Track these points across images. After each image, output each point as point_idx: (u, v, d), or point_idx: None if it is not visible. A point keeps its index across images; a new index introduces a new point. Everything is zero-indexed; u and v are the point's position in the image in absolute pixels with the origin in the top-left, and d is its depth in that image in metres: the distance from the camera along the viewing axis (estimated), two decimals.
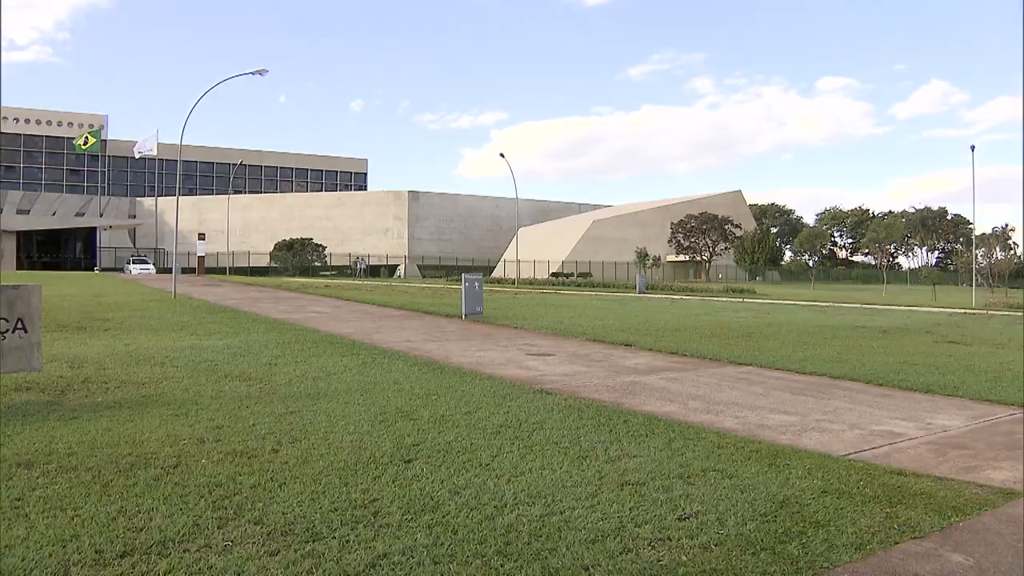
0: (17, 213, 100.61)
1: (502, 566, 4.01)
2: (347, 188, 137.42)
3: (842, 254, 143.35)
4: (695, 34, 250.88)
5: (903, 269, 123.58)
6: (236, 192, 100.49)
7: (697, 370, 11.45)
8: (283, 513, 4.66)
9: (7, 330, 7.58)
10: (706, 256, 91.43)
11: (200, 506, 4.74)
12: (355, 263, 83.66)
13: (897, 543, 4.52)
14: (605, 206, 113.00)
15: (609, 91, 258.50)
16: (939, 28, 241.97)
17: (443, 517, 4.68)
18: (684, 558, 4.19)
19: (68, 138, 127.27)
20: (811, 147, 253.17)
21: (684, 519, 4.78)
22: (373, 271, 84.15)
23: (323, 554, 4.08)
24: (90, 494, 4.92)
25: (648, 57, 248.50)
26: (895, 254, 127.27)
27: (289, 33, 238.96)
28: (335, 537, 4.32)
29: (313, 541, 4.25)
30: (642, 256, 77.70)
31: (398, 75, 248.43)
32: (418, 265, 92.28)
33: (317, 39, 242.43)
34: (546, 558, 4.12)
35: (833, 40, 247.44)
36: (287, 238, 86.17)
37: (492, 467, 5.81)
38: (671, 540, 4.43)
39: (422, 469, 5.70)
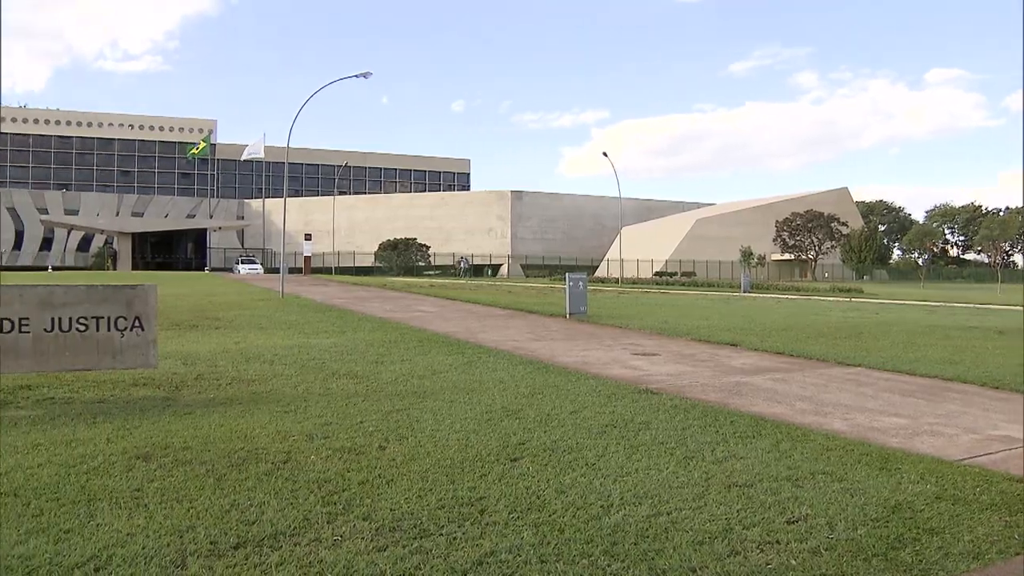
0: (132, 216, 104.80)
1: (609, 566, 4.01)
2: (450, 188, 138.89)
3: (953, 252, 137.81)
4: (799, 28, 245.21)
5: (1019, 267, 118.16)
6: (341, 193, 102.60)
7: (804, 371, 11.21)
8: (391, 509, 4.76)
9: (125, 328, 7.93)
10: (812, 255, 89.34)
11: (310, 501, 4.87)
12: (459, 263, 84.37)
13: (1018, 553, 4.35)
14: (708, 204, 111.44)
15: (711, 88, 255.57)
16: None
17: (549, 516, 4.71)
18: (793, 562, 4.13)
19: (179, 143, 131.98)
20: (919, 141, 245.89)
21: (793, 522, 4.70)
22: (476, 271, 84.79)
23: (431, 551, 4.14)
24: (204, 487, 5.12)
25: (751, 53, 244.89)
26: (1010, 252, 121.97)
27: (391, 35, 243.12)
28: (442, 534, 4.39)
29: (421, 538, 4.32)
30: (747, 255, 76.38)
31: (499, 75, 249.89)
32: (521, 264, 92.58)
33: (419, 40, 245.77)
34: (653, 559, 4.11)
35: (942, 30, 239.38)
36: (391, 238, 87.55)
37: (598, 467, 5.81)
38: (780, 543, 4.37)
39: (528, 468, 5.74)
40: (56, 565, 3.86)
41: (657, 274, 78.69)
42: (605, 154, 64.03)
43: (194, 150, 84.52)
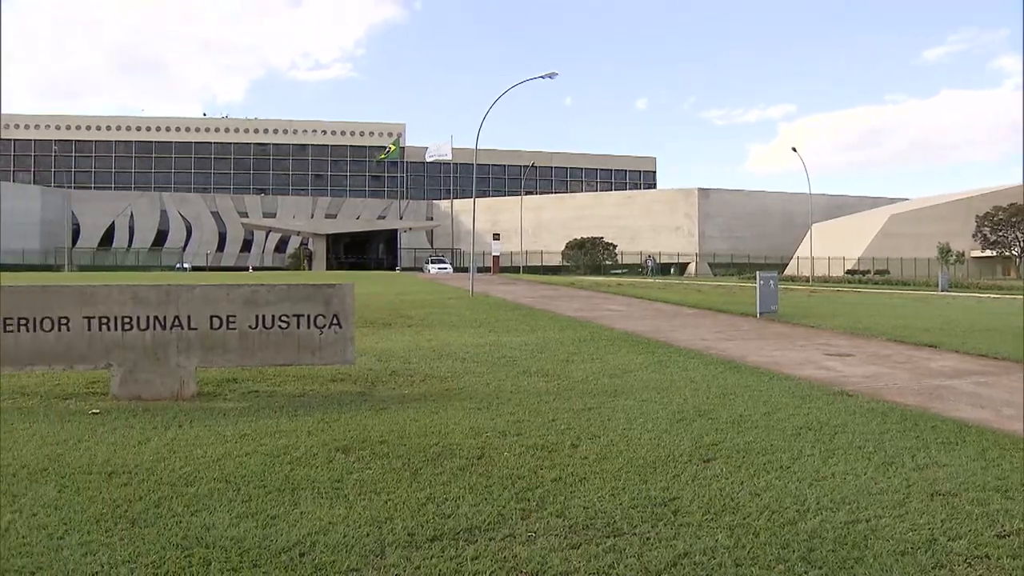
0: (326, 218, 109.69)
1: (806, 573, 3.89)
2: (636, 187, 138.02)
3: None
4: (998, 8, 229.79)
5: None
6: (528, 193, 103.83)
7: (1010, 374, 10.48)
8: (584, 508, 4.78)
9: (324, 325, 8.31)
10: (1016, 251, 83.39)
11: (504, 497, 4.96)
12: (645, 261, 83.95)
13: None
14: (901, 199, 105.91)
15: (903, 77, 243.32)
16: None
17: (744, 519, 4.62)
18: None
19: (370, 147, 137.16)
20: None
21: (1004, 536, 4.40)
22: (663, 269, 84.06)
23: (624, 550, 4.13)
24: (401, 480, 5.29)
25: (945, 38, 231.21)
26: None
27: (573, 35, 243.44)
28: (636, 533, 4.37)
29: (614, 536, 4.32)
30: (944, 252, 72.41)
31: (683, 71, 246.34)
32: (709, 263, 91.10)
33: (601, 39, 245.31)
34: (852, 567, 3.96)
35: None
36: (578, 237, 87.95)
37: (793, 470, 5.65)
38: (989, 558, 4.10)
39: (721, 469, 5.64)
40: (264, 549, 4.09)
41: (849, 272, 75.61)
42: (794, 149, 62.53)
43: (384, 154, 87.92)
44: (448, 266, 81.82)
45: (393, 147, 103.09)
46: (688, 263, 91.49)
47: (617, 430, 6.85)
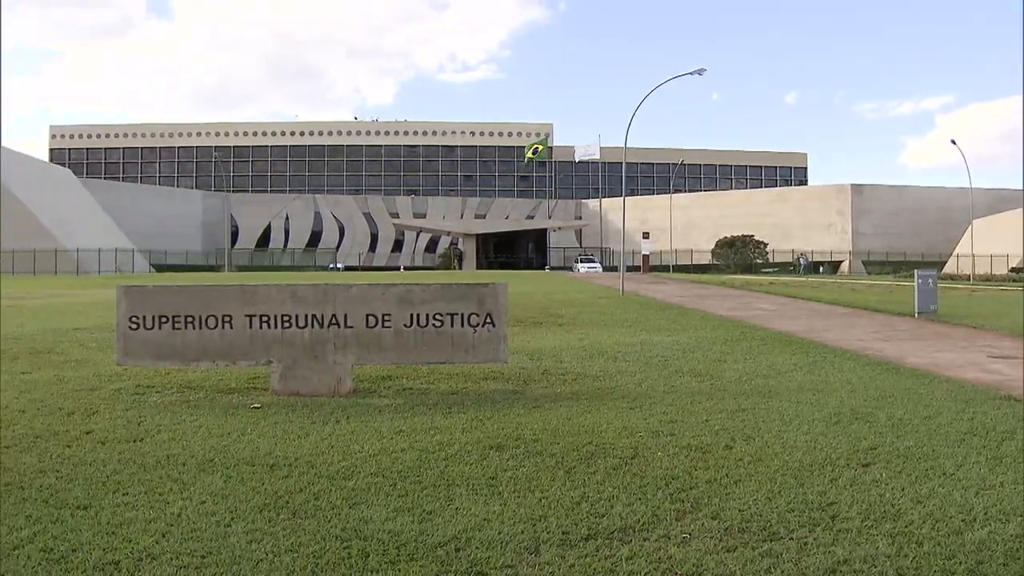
0: (475, 218, 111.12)
1: None
2: (786, 183, 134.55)
3: None
4: None
5: None
6: (676, 191, 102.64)
7: None
8: (739, 510, 4.70)
9: (477, 324, 8.42)
10: None
11: (658, 497, 4.92)
12: (797, 260, 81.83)
13: None
14: None
15: None
16: None
17: (905, 527, 4.44)
18: None
19: (517, 147, 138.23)
20: None
21: None
22: (815, 267, 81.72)
23: (781, 554, 4.05)
24: (555, 478, 5.32)
25: None
26: None
27: (720, 28, 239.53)
28: (792, 538, 4.27)
29: (770, 540, 4.24)
30: None
31: (833, 64, 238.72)
32: (863, 261, 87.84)
33: (748, 31, 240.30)
34: None
35: None
36: (728, 235, 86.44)
37: (957, 477, 5.39)
38: None
39: (880, 474, 5.44)
40: (421, 543, 4.18)
41: (1013, 270, 71.51)
42: (953, 142, 59.79)
43: (532, 154, 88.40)
44: (597, 265, 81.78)
45: (541, 147, 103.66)
46: (840, 261, 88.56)
47: (772, 432, 6.71)
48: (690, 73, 32.14)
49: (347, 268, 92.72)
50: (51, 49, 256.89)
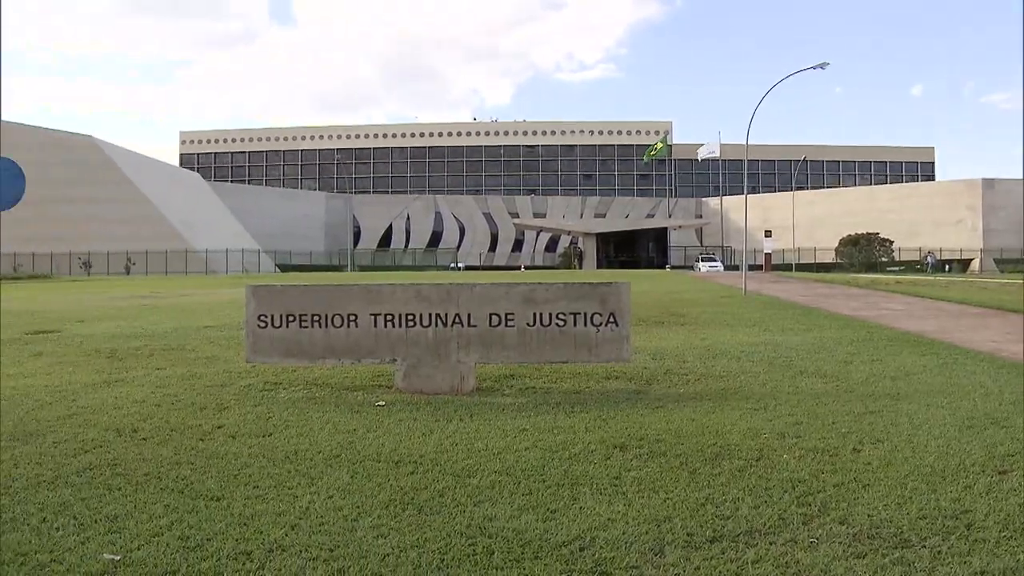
0: (595, 217, 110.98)
1: None
2: (912, 179, 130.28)
3: None
4: None
5: None
6: (798, 188, 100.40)
7: None
8: (868, 515, 4.56)
9: (600, 324, 8.39)
10: None
11: (784, 500, 4.82)
12: (924, 258, 79.11)
13: None
14: None
15: None
16: None
17: None
18: None
19: (636, 146, 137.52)
20: None
21: None
22: (943, 266, 78.80)
23: (913, 563, 3.91)
24: (679, 479, 5.26)
25: None
26: None
27: (842, 20, 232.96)
28: (925, 546, 4.11)
29: (902, 548, 4.09)
30: None
31: (961, 54, 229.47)
32: (994, 259, 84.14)
33: (871, 22, 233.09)
34: None
35: None
36: (851, 233, 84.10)
37: None
38: None
39: (1019, 482, 5.17)
40: (545, 541, 4.19)
41: None
42: None
43: (652, 152, 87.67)
44: (719, 264, 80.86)
45: (660, 145, 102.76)
46: (970, 259, 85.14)
47: (901, 436, 6.48)
48: (812, 68, 31.39)
49: (467, 268, 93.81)
50: (180, 59, 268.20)
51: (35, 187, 77.57)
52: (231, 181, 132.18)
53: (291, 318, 8.57)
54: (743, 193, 35.39)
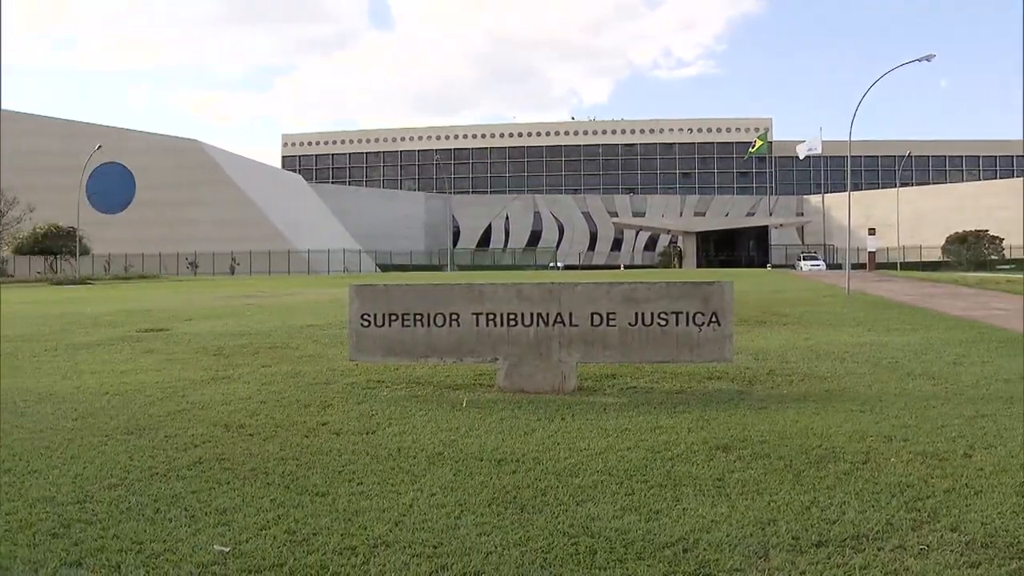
0: (694, 215, 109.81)
1: None
2: None
3: None
4: None
5: None
6: (903, 185, 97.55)
7: None
8: (982, 523, 4.40)
9: (703, 323, 8.29)
10: None
11: (892, 505, 4.69)
12: None
13: None
14: None
15: None
16: None
17: None
18: None
19: (736, 143, 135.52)
20: None
21: None
22: None
23: None
24: (783, 482, 5.17)
25: None
26: None
27: (945, 12, 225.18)
28: None
29: (1019, 558, 3.93)
30: None
31: None
32: None
33: (976, 14, 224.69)
34: None
35: None
36: (959, 230, 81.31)
37: None
38: None
39: None
40: (648, 542, 4.16)
41: None
42: None
43: (752, 149, 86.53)
44: (821, 263, 79.22)
45: (760, 142, 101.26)
46: None
47: (1016, 440, 6.23)
48: (917, 60, 30.41)
49: (567, 267, 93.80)
50: (282, 64, 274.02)
51: (144, 191, 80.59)
52: (332, 183, 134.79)
53: (394, 317, 8.67)
54: (846, 190, 34.62)
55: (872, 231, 60.72)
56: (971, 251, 77.78)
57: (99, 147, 67.62)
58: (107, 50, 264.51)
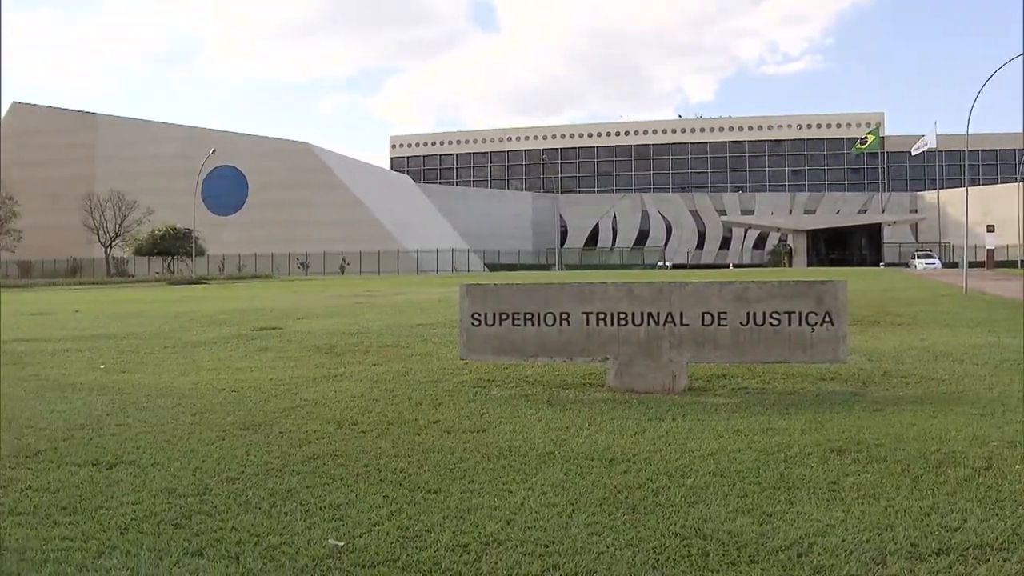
0: (804, 213, 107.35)
1: None
2: None
3: None
4: None
5: None
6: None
7: None
8: None
9: (816, 323, 8.09)
10: None
11: (1018, 514, 4.47)
12: None
13: None
14: None
15: None
16: None
17: None
18: None
19: (846, 139, 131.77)
20: None
21: None
22: None
23: None
24: (901, 486, 5.00)
25: None
26: None
27: None
28: None
29: None
30: None
31: None
32: None
33: None
34: None
35: None
36: None
37: None
38: None
39: None
40: (761, 546, 4.08)
41: None
42: None
43: (862, 145, 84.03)
44: (936, 261, 76.59)
45: (872, 137, 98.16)
46: None
47: None
48: None
49: (675, 266, 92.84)
50: (390, 67, 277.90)
51: (257, 193, 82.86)
52: (439, 183, 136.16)
53: (504, 316, 8.71)
54: (962, 185, 33.35)
55: (991, 228, 58.44)
56: None
57: (213, 151, 70.02)
58: (220, 58, 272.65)
